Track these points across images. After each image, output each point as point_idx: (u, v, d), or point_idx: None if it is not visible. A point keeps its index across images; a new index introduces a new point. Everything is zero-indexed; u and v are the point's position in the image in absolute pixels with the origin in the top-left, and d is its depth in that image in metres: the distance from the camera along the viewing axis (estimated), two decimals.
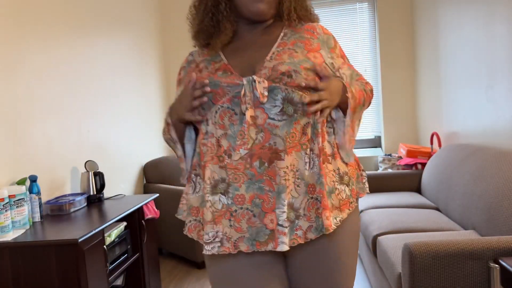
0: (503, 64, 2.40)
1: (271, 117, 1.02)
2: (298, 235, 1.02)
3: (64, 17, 2.62)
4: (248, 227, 1.02)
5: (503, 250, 1.54)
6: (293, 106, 1.03)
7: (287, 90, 1.02)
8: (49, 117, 2.40)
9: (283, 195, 1.01)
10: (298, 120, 1.04)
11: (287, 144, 1.02)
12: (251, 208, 1.02)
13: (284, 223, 1.00)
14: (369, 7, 4.18)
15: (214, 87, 1.05)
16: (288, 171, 1.02)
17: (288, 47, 1.09)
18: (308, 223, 1.03)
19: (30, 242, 1.75)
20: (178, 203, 3.24)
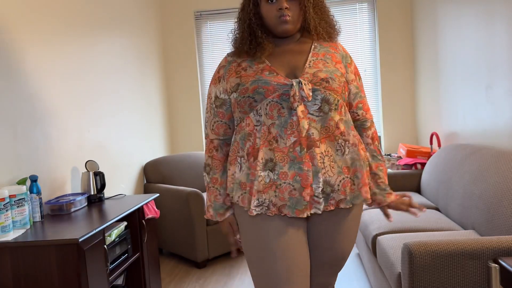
0: (503, 64, 2.40)
1: (310, 113, 1.28)
2: (331, 203, 1.30)
3: (65, 18, 2.62)
4: (290, 198, 1.27)
5: (502, 250, 1.55)
6: (329, 105, 1.29)
7: (326, 92, 1.28)
8: (49, 117, 2.41)
9: (319, 174, 1.27)
10: (332, 116, 1.30)
11: (321, 135, 1.28)
12: (292, 183, 1.27)
13: (319, 195, 1.27)
14: (369, 7, 4.18)
15: (265, 84, 1.29)
16: (323, 156, 1.28)
17: (321, 58, 1.35)
18: (342, 196, 1.30)
19: (30, 242, 1.75)
20: (178, 202, 3.25)
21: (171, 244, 3.44)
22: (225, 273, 3.10)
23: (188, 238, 3.23)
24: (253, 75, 1.32)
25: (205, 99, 4.50)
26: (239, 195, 1.35)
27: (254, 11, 1.36)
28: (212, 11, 4.37)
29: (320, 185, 1.27)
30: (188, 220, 3.20)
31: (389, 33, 4.13)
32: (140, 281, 2.48)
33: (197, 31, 4.43)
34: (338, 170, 1.29)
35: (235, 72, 1.37)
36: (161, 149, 4.18)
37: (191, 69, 4.42)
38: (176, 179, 3.68)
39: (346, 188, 1.31)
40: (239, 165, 1.35)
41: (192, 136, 4.48)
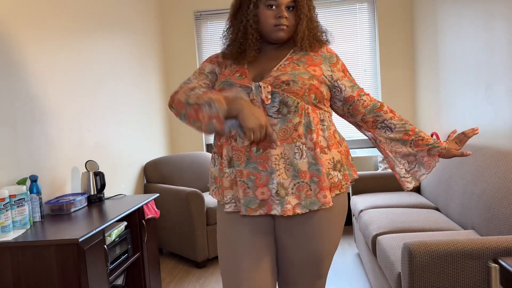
0: (503, 65, 2.40)
1: (269, 115, 1.31)
2: (288, 208, 1.28)
3: (65, 18, 2.62)
4: (244, 196, 1.31)
5: (502, 250, 1.55)
6: (287, 108, 1.30)
7: (284, 95, 1.30)
8: (49, 117, 2.41)
9: (273, 176, 1.28)
10: (290, 119, 1.30)
11: (279, 137, 1.30)
12: (246, 182, 1.30)
13: (275, 195, 1.28)
14: (368, 7, 4.18)
15: (229, 86, 1.34)
16: (279, 158, 1.29)
17: (293, 62, 1.37)
18: (296, 201, 1.30)
19: (30, 242, 1.75)
20: (178, 202, 3.25)
21: (171, 244, 3.44)
22: None
23: (188, 238, 3.23)
24: (225, 75, 1.38)
25: None
26: (213, 189, 1.42)
27: (254, 13, 1.36)
28: (212, 11, 4.37)
29: (275, 186, 1.28)
30: (188, 220, 3.20)
31: (389, 33, 4.14)
32: (140, 281, 2.49)
33: (197, 31, 4.43)
34: (293, 174, 1.29)
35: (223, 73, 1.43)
36: (161, 149, 4.18)
37: (191, 69, 4.42)
38: (176, 179, 3.68)
39: (301, 193, 1.29)
40: (214, 161, 1.42)
41: (192, 136, 4.48)
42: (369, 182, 3.35)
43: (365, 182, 3.35)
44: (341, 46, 4.25)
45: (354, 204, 3.10)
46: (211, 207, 3.25)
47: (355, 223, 3.20)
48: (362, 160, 4.16)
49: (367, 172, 3.43)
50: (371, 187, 3.35)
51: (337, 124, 4.27)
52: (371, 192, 3.35)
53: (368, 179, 3.36)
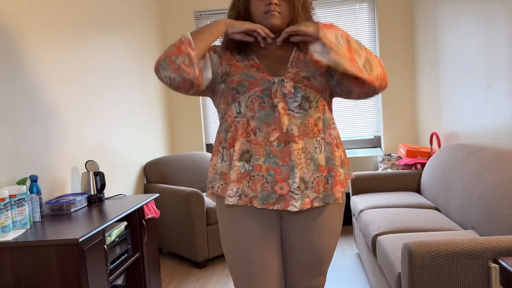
0: (503, 64, 2.40)
1: (291, 109, 1.31)
2: (306, 202, 1.30)
3: (65, 18, 2.62)
4: (262, 190, 1.29)
5: (502, 250, 1.55)
6: (309, 103, 1.32)
7: (306, 90, 1.32)
8: (49, 117, 2.41)
9: (295, 170, 1.27)
10: (311, 114, 1.32)
11: (300, 132, 1.30)
12: (265, 176, 1.29)
13: (295, 191, 1.28)
14: (369, 7, 4.18)
15: (250, 78, 1.32)
16: (300, 152, 1.29)
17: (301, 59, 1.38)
18: (315, 194, 1.32)
19: (30, 242, 1.75)
20: (178, 202, 3.25)
21: (171, 244, 3.45)
22: (225, 273, 3.10)
23: (188, 238, 3.23)
24: (242, 68, 1.35)
25: (205, 99, 4.51)
26: (220, 185, 1.36)
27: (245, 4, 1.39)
28: (212, 11, 4.37)
29: (296, 181, 1.27)
30: (188, 220, 3.20)
31: (389, 33, 4.14)
32: (140, 281, 2.49)
33: None
34: (314, 168, 1.31)
35: (228, 59, 1.39)
36: (161, 149, 4.18)
37: None
38: (176, 179, 3.68)
39: (320, 187, 1.32)
40: (221, 156, 1.37)
41: (192, 136, 4.48)
42: (369, 182, 3.35)
43: (365, 182, 3.35)
44: None
45: (354, 204, 3.10)
46: (211, 207, 3.25)
47: (355, 223, 3.20)
48: (362, 160, 4.16)
49: (367, 172, 3.43)
50: (371, 187, 3.35)
51: (339, 125, 4.28)
52: (371, 192, 3.35)
53: (368, 179, 3.36)
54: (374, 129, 4.29)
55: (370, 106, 4.26)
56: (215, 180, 1.38)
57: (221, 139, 1.38)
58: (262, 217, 1.35)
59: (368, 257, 2.58)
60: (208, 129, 4.53)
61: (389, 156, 3.76)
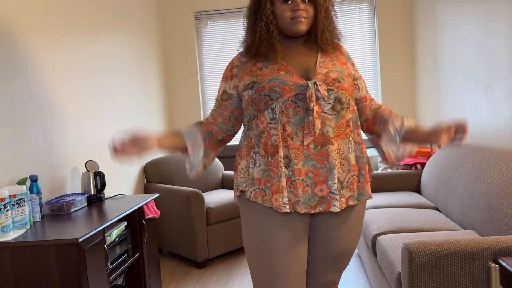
0: (503, 64, 2.40)
1: (324, 111, 1.32)
2: (342, 201, 1.34)
3: (65, 19, 2.62)
4: (303, 194, 1.31)
5: (502, 250, 1.55)
6: (341, 104, 1.34)
7: (338, 92, 1.33)
8: (50, 117, 2.41)
9: (334, 171, 1.31)
10: (343, 115, 1.35)
11: (335, 133, 1.33)
12: (305, 180, 1.31)
13: (335, 191, 1.31)
14: (369, 7, 4.18)
15: (282, 84, 1.32)
16: (336, 153, 1.32)
17: (328, 59, 1.40)
18: (350, 193, 1.35)
19: (30, 242, 1.75)
20: (178, 202, 3.25)
21: (171, 244, 3.45)
22: (225, 273, 3.11)
23: (188, 238, 3.23)
24: (269, 74, 1.34)
25: (205, 99, 4.51)
26: (252, 191, 1.36)
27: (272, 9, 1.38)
28: (212, 11, 4.37)
29: (335, 181, 1.30)
30: (188, 220, 3.20)
31: (389, 33, 4.14)
32: (140, 281, 2.49)
33: (197, 31, 4.43)
34: (347, 168, 1.35)
35: (250, 72, 1.40)
36: None
37: (191, 69, 4.42)
38: (176, 179, 3.68)
39: (354, 185, 1.36)
40: (253, 161, 1.38)
41: None
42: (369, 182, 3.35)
43: None
44: None
45: None
46: (211, 207, 3.25)
47: None
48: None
49: None
50: (371, 187, 3.35)
51: None
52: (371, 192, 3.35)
53: None
54: None
55: None
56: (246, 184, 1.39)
57: (252, 144, 1.38)
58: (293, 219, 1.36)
59: (368, 257, 2.59)
60: None
61: None
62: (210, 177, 3.91)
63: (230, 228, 3.38)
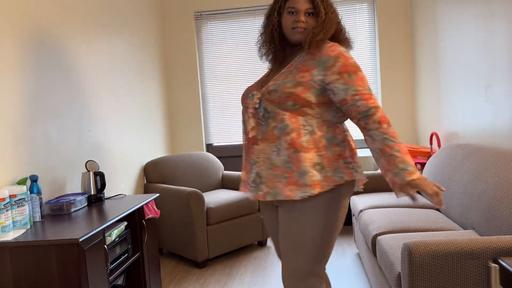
0: (503, 64, 2.40)
1: (259, 118, 1.54)
2: (260, 194, 1.53)
3: (65, 19, 2.62)
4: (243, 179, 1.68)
5: (502, 250, 1.55)
6: (267, 114, 1.51)
7: (265, 103, 1.51)
8: (50, 117, 2.41)
9: (254, 166, 1.55)
10: (269, 123, 1.51)
11: (262, 137, 1.53)
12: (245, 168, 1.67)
13: (251, 183, 1.57)
14: (369, 7, 4.18)
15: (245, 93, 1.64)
16: (260, 152, 1.54)
17: (289, 69, 1.52)
18: (267, 189, 1.52)
19: (30, 242, 1.75)
20: (178, 202, 3.25)
21: (171, 244, 3.45)
22: (225, 273, 3.11)
23: (188, 238, 3.23)
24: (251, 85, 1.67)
25: (205, 99, 4.51)
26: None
27: (278, 19, 1.58)
28: (212, 11, 4.38)
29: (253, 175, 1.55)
30: (188, 220, 3.20)
31: (389, 33, 4.14)
32: (140, 281, 2.49)
33: (197, 31, 4.43)
34: (268, 166, 1.51)
35: None
36: (161, 149, 4.18)
37: (191, 69, 4.42)
38: (176, 179, 3.68)
39: (271, 183, 1.50)
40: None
41: (192, 136, 4.48)
42: (369, 182, 3.35)
43: (365, 182, 3.35)
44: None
45: (354, 204, 3.11)
46: (211, 207, 3.26)
47: (355, 223, 3.21)
48: (362, 160, 4.16)
49: (367, 172, 3.43)
50: (371, 187, 3.35)
51: None
52: (371, 192, 3.35)
53: (368, 179, 3.36)
54: None
55: None
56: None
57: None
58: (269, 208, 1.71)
59: (368, 257, 2.59)
60: (208, 129, 4.54)
61: None
62: (210, 177, 3.91)
63: (230, 228, 3.38)
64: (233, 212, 3.39)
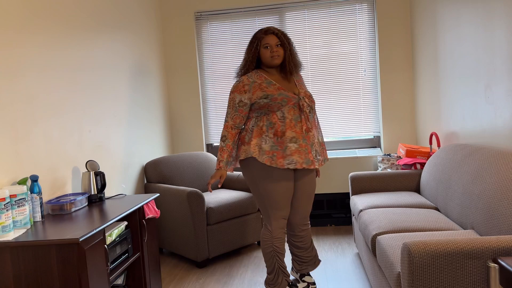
0: (502, 64, 2.41)
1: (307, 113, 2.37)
2: (320, 163, 2.44)
3: (65, 19, 2.62)
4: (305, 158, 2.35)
5: (502, 250, 1.55)
6: (312, 109, 2.41)
7: (311, 102, 2.41)
8: (50, 117, 2.41)
9: (313, 146, 2.38)
10: (313, 115, 2.43)
11: (312, 125, 2.40)
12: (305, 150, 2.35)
13: (316, 157, 2.40)
14: (369, 8, 4.19)
15: (287, 97, 2.33)
16: (313, 137, 2.40)
17: (299, 82, 2.48)
18: (321, 158, 2.46)
19: (31, 241, 1.76)
20: (178, 202, 3.26)
21: (171, 244, 3.45)
22: (225, 273, 3.11)
23: (189, 237, 3.24)
24: (277, 90, 2.34)
25: (205, 99, 4.52)
26: (264, 158, 2.32)
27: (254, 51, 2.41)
28: (212, 11, 4.38)
29: (314, 152, 2.37)
30: (188, 219, 3.20)
31: (389, 33, 4.14)
32: (140, 281, 2.49)
33: (197, 32, 4.44)
34: (318, 144, 2.44)
35: (259, 88, 2.35)
36: (161, 149, 4.18)
37: (191, 69, 4.43)
38: (176, 179, 3.68)
39: (323, 154, 2.47)
40: (265, 140, 2.33)
41: (192, 136, 4.49)
42: (369, 182, 3.36)
43: (365, 182, 3.36)
44: (341, 47, 4.25)
45: (353, 204, 3.11)
46: (211, 207, 3.26)
47: (355, 223, 3.21)
48: (362, 160, 4.17)
49: (366, 172, 3.43)
50: (371, 187, 3.35)
51: (338, 125, 4.28)
52: (370, 192, 3.35)
53: (368, 179, 3.36)
54: (374, 129, 4.30)
55: (369, 106, 4.27)
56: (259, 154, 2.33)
57: (262, 130, 2.34)
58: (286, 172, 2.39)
59: (368, 256, 2.59)
60: (208, 129, 4.54)
61: (388, 156, 3.77)
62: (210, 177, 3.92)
63: (230, 228, 3.38)
64: (233, 212, 3.39)
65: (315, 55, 4.29)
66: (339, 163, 4.24)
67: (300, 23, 4.29)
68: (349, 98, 4.28)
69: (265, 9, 4.32)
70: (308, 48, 4.29)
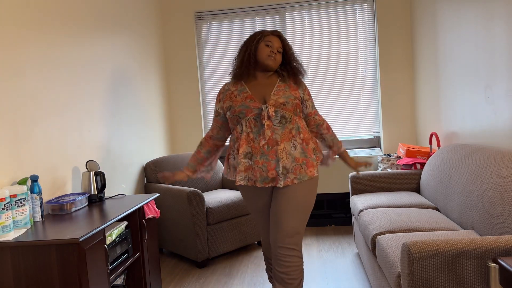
0: (502, 65, 2.41)
1: (274, 125, 2.02)
2: (288, 180, 2.02)
3: (66, 19, 2.63)
4: (260, 176, 2.03)
5: (502, 250, 1.55)
6: (285, 119, 2.03)
7: (283, 111, 2.03)
8: (50, 117, 2.41)
9: (279, 162, 2.00)
10: (287, 126, 2.04)
11: (281, 138, 2.02)
12: (261, 167, 2.02)
13: (280, 175, 2.00)
14: (369, 8, 4.19)
15: (246, 108, 2.03)
16: (282, 151, 2.01)
17: (282, 88, 2.09)
18: (293, 176, 2.03)
19: (31, 241, 1.76)
20: (178, 202, 3.26)
21: (171, 244, 3.45)
22: (225, 273, 3.11)
23: (189, 237, 3.24)
24: (240, 101, 2.05)
25: (205, 99, 4.52)
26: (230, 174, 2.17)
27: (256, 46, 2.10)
28: (212, 11, 4.38)
29: (280, 169, 2.00)
30: (188, 219, 3.20)
31: (389, 33, 4.14)
32: (140, 281, 2.49)
33: (197, 32, 4.44)
34: (291, 160, 2.02)
35: (229, 98, 2.10)
36: (161, 149, 4.18)
37: (191, 69, 4.43)
38: None
39: (297, 171, 2.03)
40: (233, 156, 2.12)
41: (192, 136, 4.49)
42: (369, 182, 3.36)
43: (365, 182, 3.36)
44: (341, 47, 4.25)
45: (353, 204, 3.11)
46: (211, 207, 3.26)
47: (355, 223, 3.21)
48: (362, 160, 4.17)
49: (366, 172, 3.43)
50: (371, 187, 3.35)
51: (338, 125, 4.29)
52: (370, 192, 3.35)
53: (368, 179, 3.36)
54: (374, 129, 4.30)
55: (369, 106, 4.27)
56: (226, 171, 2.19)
57: (232, 145, 2.12)
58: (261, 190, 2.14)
59: (368, 256, 2.59)
60: (208, 129, 4.54)
61: (388, 156, 3.77)
62: (210, 177, 3.92)
63: (230, 228, 3.38)
64: (233, 212, 3.39)
65: (315, 55, 4.29)
66: (339, 163, 4.25)
67: (300, 23, 4.29)
68: (349, 98, 4.28)
69: (265, 9, 4.32)
70: (308, 48, 4.29)
